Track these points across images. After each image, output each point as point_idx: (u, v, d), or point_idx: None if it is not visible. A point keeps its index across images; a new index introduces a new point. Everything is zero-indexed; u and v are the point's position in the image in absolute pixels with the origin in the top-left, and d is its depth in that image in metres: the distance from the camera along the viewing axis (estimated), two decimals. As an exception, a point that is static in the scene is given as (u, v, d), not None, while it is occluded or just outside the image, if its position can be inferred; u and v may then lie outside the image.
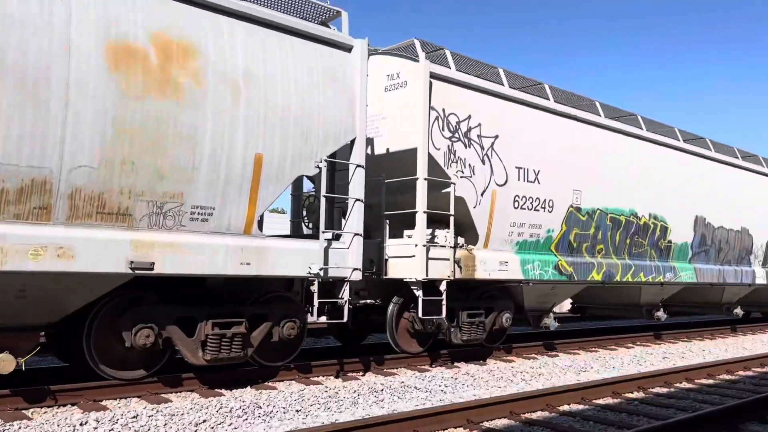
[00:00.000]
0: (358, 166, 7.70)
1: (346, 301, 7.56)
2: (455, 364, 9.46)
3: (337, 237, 7.72)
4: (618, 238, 11.66)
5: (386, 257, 8.78)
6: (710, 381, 8.53)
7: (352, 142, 7.72)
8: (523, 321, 10.99)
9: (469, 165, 9.07)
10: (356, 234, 7.62)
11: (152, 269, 6.04)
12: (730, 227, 14.60)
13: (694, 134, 14.30)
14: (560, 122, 10.56)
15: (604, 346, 12.13)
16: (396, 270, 8.70)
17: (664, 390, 7.74)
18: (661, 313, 13.32)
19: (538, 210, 10.04)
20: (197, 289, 6.99)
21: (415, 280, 8.42)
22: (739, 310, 15.89)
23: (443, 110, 8.80)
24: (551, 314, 10.98)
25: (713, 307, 15.96)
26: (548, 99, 10.61)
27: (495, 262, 9.42)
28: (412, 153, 8.60)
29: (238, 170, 6.62)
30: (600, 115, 11.64)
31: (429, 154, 8.57)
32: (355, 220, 7.66)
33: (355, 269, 7.59)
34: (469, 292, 9.91)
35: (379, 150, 9.14)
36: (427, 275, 8.47)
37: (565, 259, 10.62)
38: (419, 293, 8.46)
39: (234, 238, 6.67)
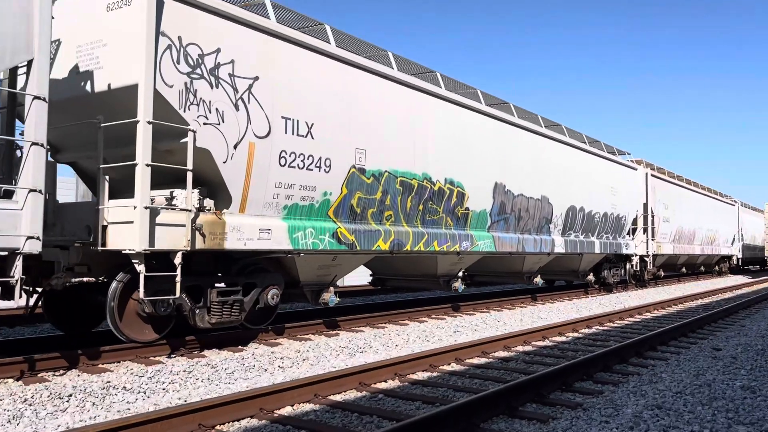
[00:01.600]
0: (37, 98, 5.71)
1: (17, 281, 5.62)
2: (204, 352, 7.87)
3: (7, 195, 5.71)
4: (409, 204, 10.68)
5: (105, 223, 6.90)
6: (483, 360, 7.73)
7: (29, 65, 5.71)
8: (303, 297, 9.66)
9: (217, 110, 7.40)
10: (33, 190, 5.67)
11: None
12: (530, 195, 14.37)
13: (499, 98, 13.79)
14: (342, 71, 9.21)
15: (395, 321, 11.20)
16: (117, 239, 6.86)
17: (426, 375, 6.74)
18: (458, 284, 12.71)
19: (311, 170, 8.65)
20: None
21: (135, 252, 6.65)
22: (539, 279, 15.93)
23: (179, 38, 7.01)
24: (331, 288, 9.74)
25: (515, 276, 15.86)
26: (329, 42, 9.20)
27: (254, 230, 7.90)
28: (135, 90, 6.74)
29: None
30: (392, 68, 10.49)
31: (156, 92, 6.76)
32: (32, 171, 5.69)
33: (30, 238, 5.65)
34: (230, 266, 8.34)
35: (100, 86, 7.15)
36: (152, 245, 6.74)
37: (346, 227, 9.38)
38: (141, 268, 6.71)
39: None
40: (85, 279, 7.22)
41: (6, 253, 5.60)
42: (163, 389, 6.31)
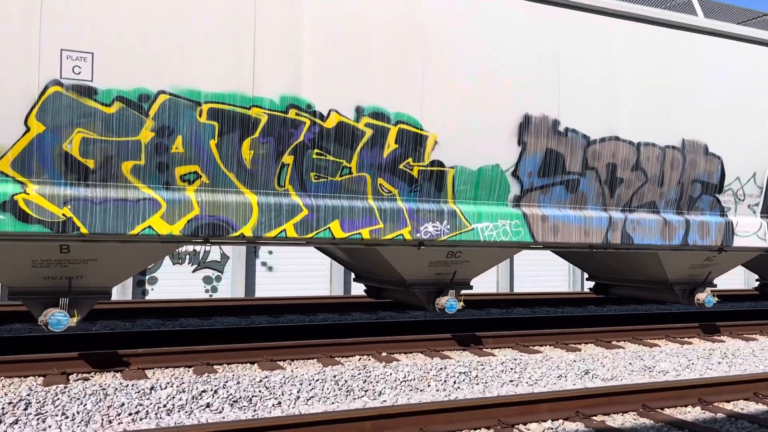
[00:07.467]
0: None
1: None
2: None
3: None
4: (250, 152, 5.88)
5: None
6: None
7: None
8: None
9: None
10: None
11: None
12: (646, 140, 7.58)
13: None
14: None
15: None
16: None
17: None
18: (445, 302, 7.13)
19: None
20: None
21: None
22: (704, 295, 8.70)
23: None
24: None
25: (657, 287, 8.98)
26: None
27: None
28: None
29: None
30: None
31: None
32: None
33: None
34: None
35: None
36: None
37: (50, 192, 5.28)
38: None
39: None
40: None
41: None
42: None
